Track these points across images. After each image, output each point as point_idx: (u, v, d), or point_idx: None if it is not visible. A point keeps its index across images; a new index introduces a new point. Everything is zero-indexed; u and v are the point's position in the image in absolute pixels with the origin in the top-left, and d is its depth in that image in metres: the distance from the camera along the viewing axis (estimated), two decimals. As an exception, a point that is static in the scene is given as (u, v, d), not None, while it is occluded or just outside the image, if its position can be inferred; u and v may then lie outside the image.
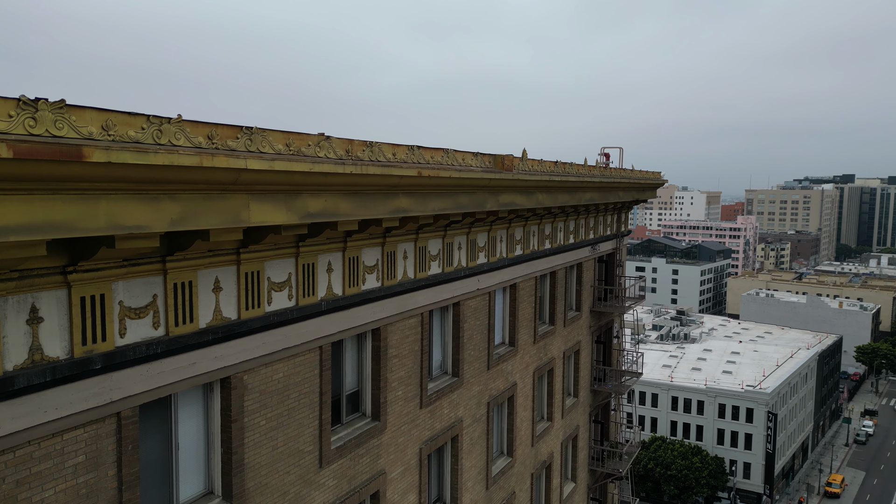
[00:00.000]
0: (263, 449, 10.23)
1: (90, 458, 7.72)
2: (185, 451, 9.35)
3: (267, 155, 7.81)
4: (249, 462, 9.96)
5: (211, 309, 9.02)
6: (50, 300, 7.09)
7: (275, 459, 10.47)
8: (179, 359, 8.58)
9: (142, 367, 8.11)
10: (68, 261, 7.12)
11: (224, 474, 9.69)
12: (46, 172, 5.66)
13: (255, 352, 9.80)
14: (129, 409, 8.06)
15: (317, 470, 11.46)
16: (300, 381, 10.93)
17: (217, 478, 9.70)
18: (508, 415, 19.47)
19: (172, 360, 8.48)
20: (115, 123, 6.23)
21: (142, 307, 8.06)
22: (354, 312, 11.99)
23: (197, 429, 9.54)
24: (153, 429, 8.86)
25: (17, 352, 6.84)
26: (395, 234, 12.84)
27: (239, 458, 9.75)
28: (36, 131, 5.48)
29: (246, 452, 9.89)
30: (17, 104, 5.41)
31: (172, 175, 6.75)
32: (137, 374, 8.07)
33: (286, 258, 10.23)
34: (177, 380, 8.60)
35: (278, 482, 10.58)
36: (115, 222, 6.53)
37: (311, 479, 11.32)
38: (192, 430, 9.46)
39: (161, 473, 9.02)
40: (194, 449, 9.50)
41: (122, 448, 8.02)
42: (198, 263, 8.63)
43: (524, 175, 14.98)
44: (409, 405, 14.15)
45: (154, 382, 8.30)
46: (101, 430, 7.81)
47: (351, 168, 9.19)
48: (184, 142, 6.84)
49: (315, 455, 11.41)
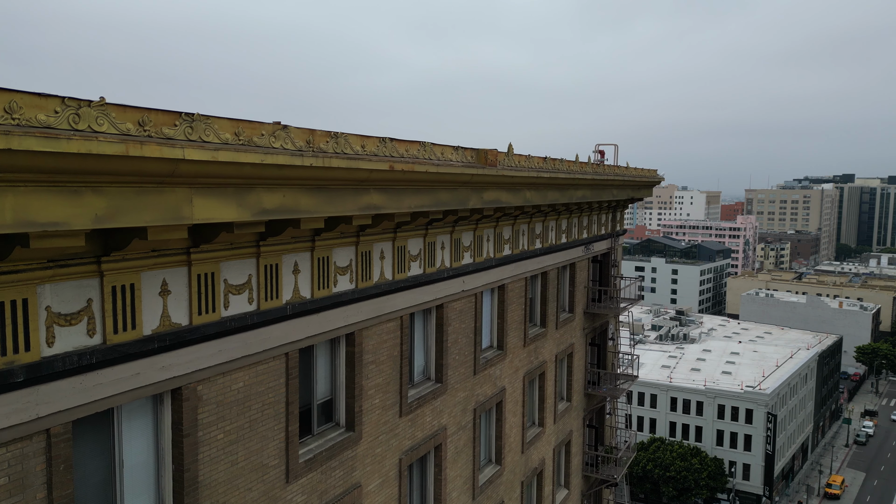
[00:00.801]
0: (221, 465, 9.46)
1: (14, 480, 6.95)
2: (132, 469, 8.58)
3: (210, 144, 7.04)
4: (205, 479, 9.19)
5: (157, 314, 8.25)
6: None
7: (234, 476, 9.70)
8: (120, 369, 7.80)
9: (74, 378, 7.34)
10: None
11: (176, 493, 8.92)
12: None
13: (211, 360, 9.03)
14: (61, 426, 7.29)
15: (283, 485, 10.70)
16: (264, 391, 10.16)
17: (168, 497, 8.93)
18: (497, 421, 18.71)
19: (111, 370, 7.71)
20: (21, 106, 5.46)
21: (73, 313, 7.29)
22: (325, 316, 11.22)
23: (145, 444, 8.77)
24: (92, 446, 8.09)
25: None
26: (371, 233, 12.07)
27: (192, 475, 8.98)
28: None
29: (200, 469, 9.12)
30: None
31: (93, 165, 5.98)
32: (70, 387, 7.30)
33: (245, 258, 9.46)
34: (117, 392, 7.83)
35: (238, 500, 9.81)
36: (25, 218, 5.76)
37: (276, 495, 10.55)
38: (140, 446, 8.69)
39: (102, 494, 8.25)
40: (142, 466, 8.73)
41: (53, 468, 7.25)
42: (140, 264, 7.87)
43: (510, 171, 14.21)
44: (387, 414, 13.39)
45: (90, 395, 7.53)
46: (28, 448, 7.04)
47: (311, 160, 8.42)
48: (108, 128, 6.07)
49: (281, 469, 10.64)
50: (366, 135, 9.93)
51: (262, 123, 7.98)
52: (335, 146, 9.09)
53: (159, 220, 6.95)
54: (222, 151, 7.07)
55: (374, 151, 9.98)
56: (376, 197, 10.42)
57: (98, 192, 6.28)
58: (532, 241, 19.49)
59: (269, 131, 8.01)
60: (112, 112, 6.18)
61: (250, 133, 7.74)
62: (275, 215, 8.49)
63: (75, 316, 7.32)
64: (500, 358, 18.38)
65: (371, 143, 9.97)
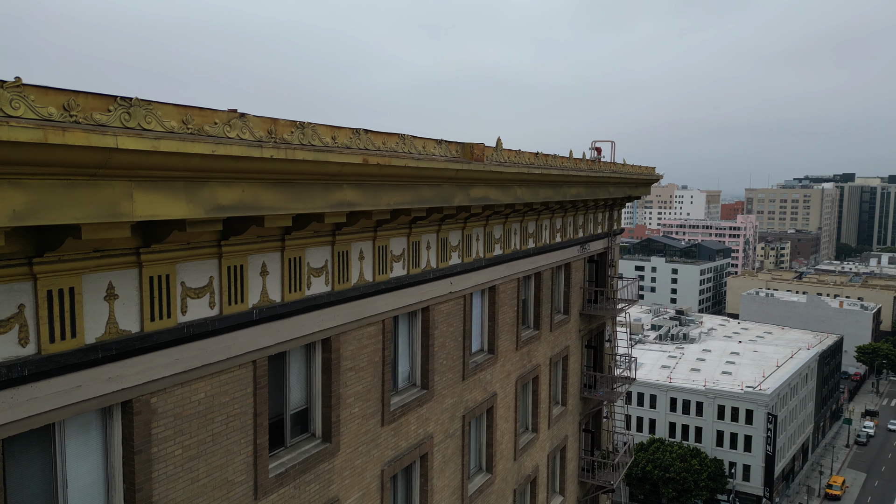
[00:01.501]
0: (179, 482, 8.74)
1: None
2: (77, 490, 7.86)
3: (151, 133, 6.31)
4: (160, 499, 8.46)
5: (102, 321, 7.53)
6: None
7: (195, 494, 8.98)
8: (58, 381, 7.08)
9: (4, 393, 6.62)
10: None
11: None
12: None
13: (166, 370, 8.31)
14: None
15: (251, 502, 9.97)
16: (228, 402, 9.44)
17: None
18: (487, 428, 17.98)
19: (48, 383, 6.99)
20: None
21: (2, 320, 6.57)
22: (298, 321, 10.50)
23: (93, 462, 8.05)
24: (29, 466, 7.37)
25: None
26: (348, 232, 11.34)
27: (145, 494, 8.26)
28: None
29: (155, 488, 8.40)
30: None
31: (6, 154, 5.26)
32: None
33: (205, 259, 8.73)
34: (56, 407, 7.11)
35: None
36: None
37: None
38: (87, 464, 7.97)
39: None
40: (89, 487, 8.00)
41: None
42: (80, 266, 7.14)
43: (498, 167, 13.48)
44: (368, 423, 12.66)
45: (23, 411, 6.81)
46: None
47: (272, 152, 7.69)
48: (24, 112, 5.35)
49: (249, 485, 9.92)
50: (337, 126, 9.21)
51: (216, 111, 7.25)
52: (301, 137, 8.36)
53: (93, 216, 6.22)
54: (164, 141, 6.34)
55: (347, 144, 9.25)
56: (350, 193, 9.70)
57: (15, 186, 5.56)
58: (525, 241, 18.76)
59: (223, 119, 7.28)
60: (31, 94, 5.45)
61: (201, 121, 7.01)
62: (233, 212, 7.76)
63: (4, 323, 6.59)
64: (491, 362, 17.66)
65: (343, 135, 9.24)
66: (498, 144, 14.01)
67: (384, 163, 9.79)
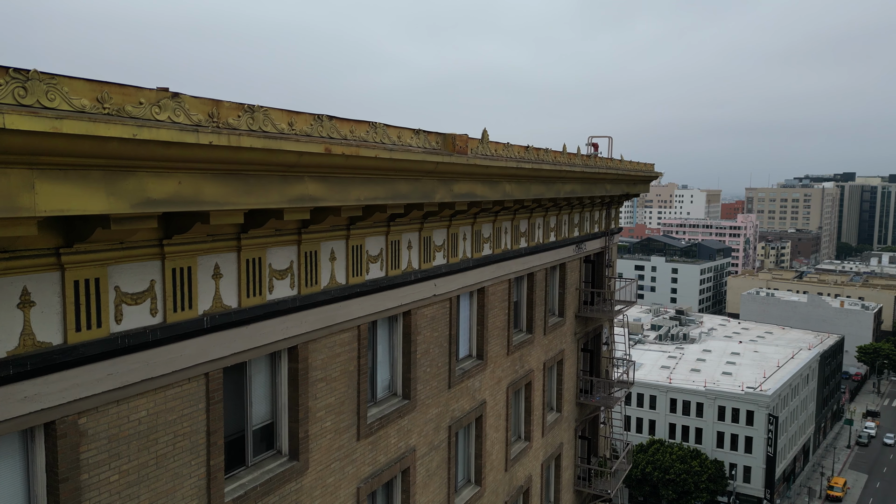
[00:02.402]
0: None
1: None
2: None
3: (52, 112, 5.32)
4: (92, 532, 7.48)
5: (15, 332, 6.54)
6: None
7: (135, 524, 8.00)
8: (-42, 404, 6.10)
9: None
10: None
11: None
12: None
13: (97, 386, 7.32)
14: None
15: (204, 530, 8.99)
16: (176, 420, 8.45)
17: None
18: (476, 438, 16.99)
19: (-56, 406, 6.01)
20: None
21: None
22: (258, 328, 9.51)
23: (13, 492, 7.06)
24: (-73, 500, 6.39)
25: None
26: (316, 230, 10.35)
27: (73, 528, 7.27)
28: None
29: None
30: None
31: None
32: None
33: (144, 261, 7.74)
34: (-44, 433, 6.13)
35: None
36: None
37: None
38: (5, 494, 6.98)
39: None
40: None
41: None
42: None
43: (483, 160, 12.48)
44: (341, 437, 11.67)
45: (-87, 439, 5.83)
46: None
47: (211, 138, 6.70)
48: None
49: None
50: (296, 111, 8.21)
51: (143, 89, 6.26)
52: (250, 122, 7.36)
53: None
54: (68, 121, 5.35)
55: (306, 131, 8.25)
56: (312, 187, 8.70)
57: None
58: (516, 240, 17.77)
59: (151, 99, 6.28)
60: None
61: (122, 100, 6.02)
62: (168, 207, 6.76)
63: None
64: (480, 368, 16.67)
65: (302, 121, 8.24)
66: (484, 136, 13.01)
67: (351, 153, 8.79)
